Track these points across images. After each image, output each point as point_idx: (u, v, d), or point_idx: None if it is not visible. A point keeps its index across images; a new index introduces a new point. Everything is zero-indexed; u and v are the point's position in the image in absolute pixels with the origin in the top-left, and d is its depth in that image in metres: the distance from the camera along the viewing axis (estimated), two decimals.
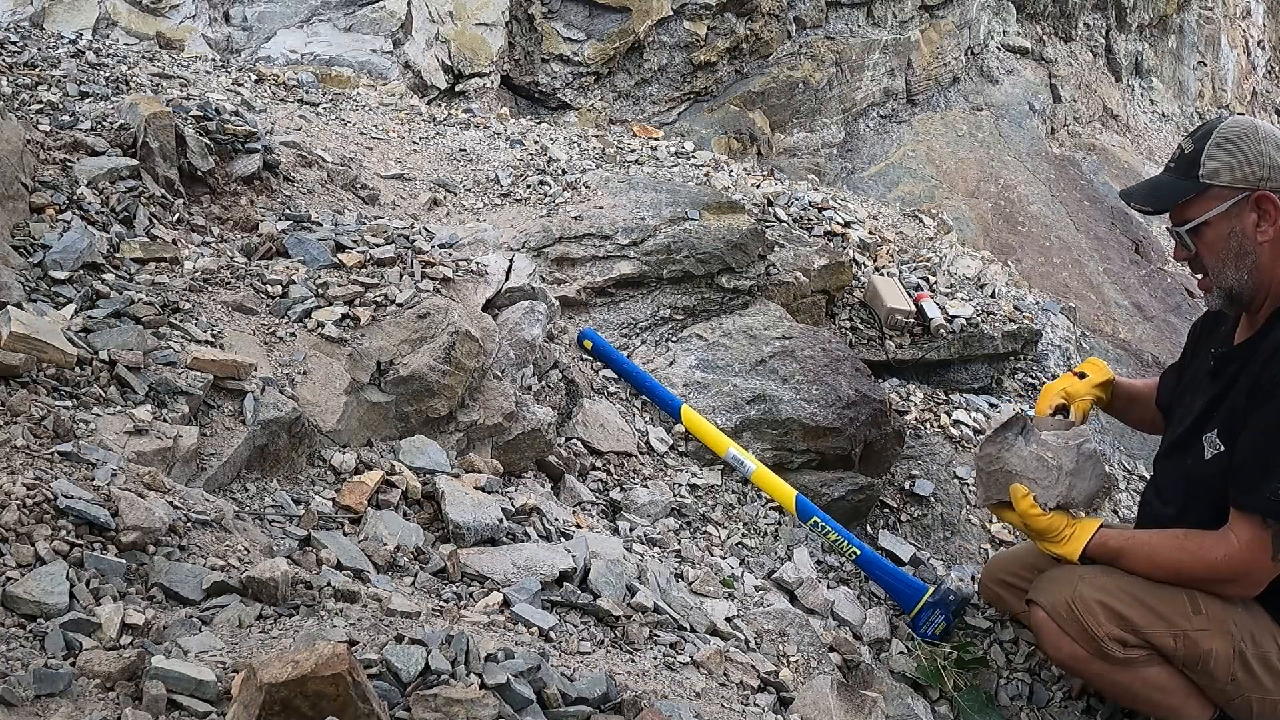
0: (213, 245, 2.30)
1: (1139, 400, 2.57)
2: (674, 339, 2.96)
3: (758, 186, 4.03)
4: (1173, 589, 2.16)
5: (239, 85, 3.71)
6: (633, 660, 1.68)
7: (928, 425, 3.30)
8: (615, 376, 2.79)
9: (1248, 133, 2.11)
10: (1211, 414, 2.16)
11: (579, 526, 2.13)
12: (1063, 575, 2.25)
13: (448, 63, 5.43)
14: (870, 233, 4.02)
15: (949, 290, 3.82)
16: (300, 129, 3.30)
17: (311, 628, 1.37)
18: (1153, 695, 2.18)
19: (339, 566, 1.63)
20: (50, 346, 1.62)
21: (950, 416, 3.36)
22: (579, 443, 2.53)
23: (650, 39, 6.28)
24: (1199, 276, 2.21)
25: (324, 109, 3.78)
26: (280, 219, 2.47)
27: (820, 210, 3.95)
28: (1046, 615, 2.23)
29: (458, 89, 5.48)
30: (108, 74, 3.00)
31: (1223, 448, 2.10)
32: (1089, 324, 6.05)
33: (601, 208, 3.14)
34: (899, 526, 2.95)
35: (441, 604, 1.63)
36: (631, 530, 2.30)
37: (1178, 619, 2.14)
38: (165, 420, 1.68)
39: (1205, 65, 10.96)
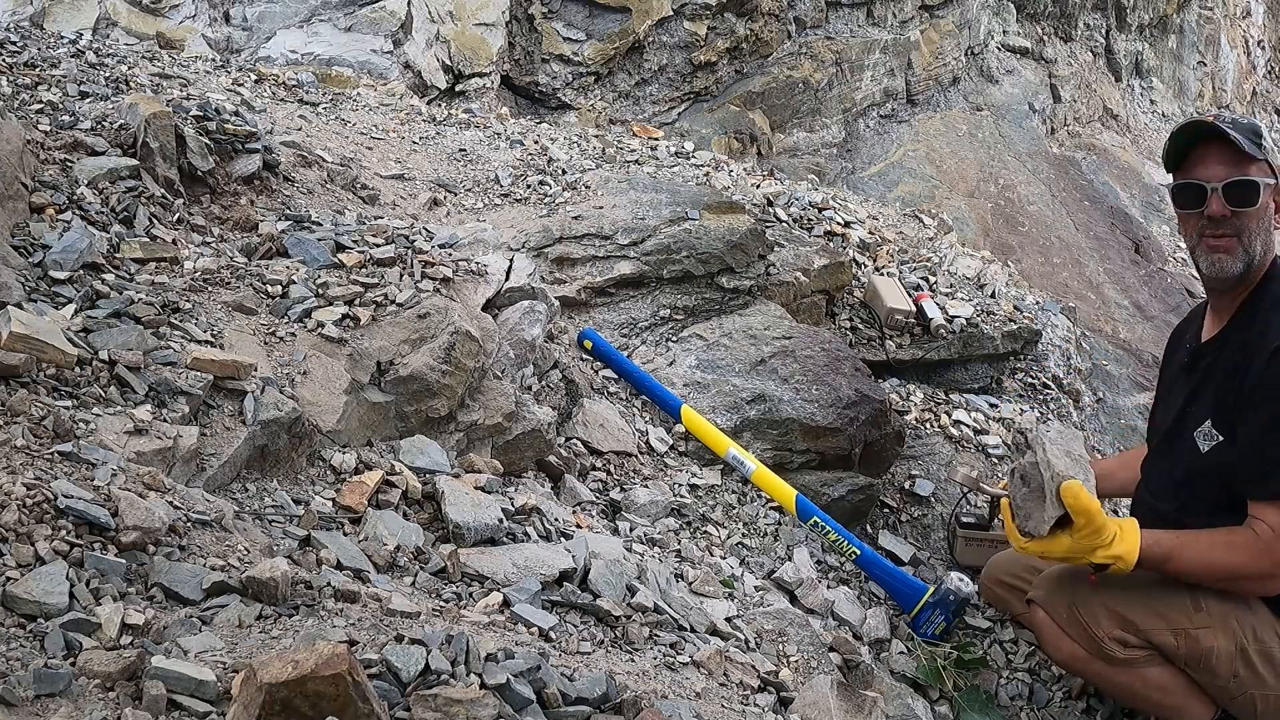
0: (213, 245, 2.30)
1: (1125, 468, 2.54)
2: (674, 339, 2.96)
3: (758, 186, 4.03)
4: (1174, 587, 2.14)
5: (239, 85, 3.71)
6: (633, 660, 1.68)
7: (928, 425, 3.30)
8: (615, 376, 2.79)
9: None
10: (1193, 407, 2.17)
11: (579, 526, 2.13)
12: (1062, 575, 2.24)
13: (448, 63, 5.43)
14: (870, 233, 4.02)
15: (949, 290, 3.82)
16: (300, 129, 3.30)
17: (311, 628, 1.37)
18: (1154, 695, 2.17)
19: (339, 566, 1.63)
20: (50, 346, 1.62)
21: (950, 416, 3.36)
22: (579, 443, 2.53)
23: (650, 39, 6.28)
24: (1226, 237, 2.15)
25: (324, 109, 3.78)
26: (280, 219, 2.47)
27: (820, 210, 3.95)
28: (1047, 616, 2.22)
29: (458, 89, 5.48)
30: (108, 74, 3.00)
31: (1221, 438, 2.10)
32: (1089, 324, 6.05)
33: (601, 208, 3.14)
34: (899, 526, 2.95)
35: (441, 604, 1.63)
36: (631, 530, 2.30)
37: (1179, 617, 2.13)
38: (165, 420, 1.68)
39: (1205, 65, 10.96)
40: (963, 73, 8.41)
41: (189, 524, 1.49)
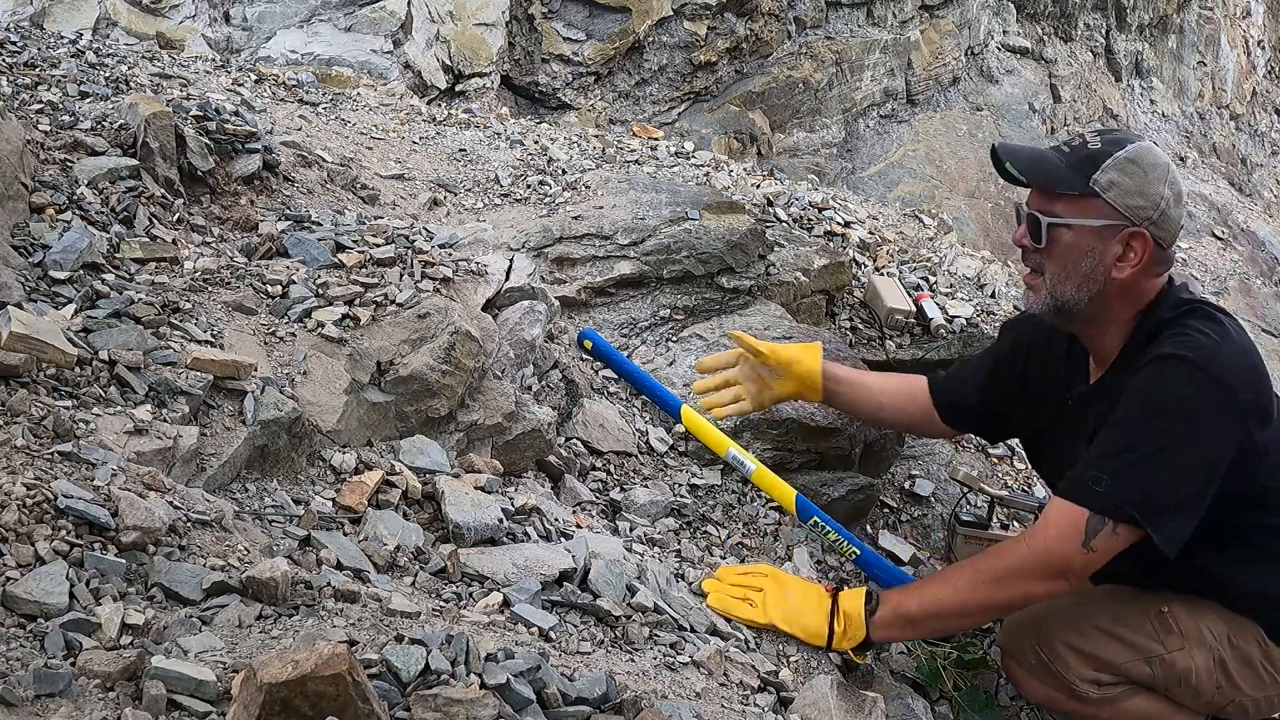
0: (213, 245, 2.30)
1: (865, 392, 2.47)
2: (674, 339, 2.96)
3: (758, 186, 4.03)
4: (1138, 611, 2.08)
5: (239, 85, 3.71)
6: (633, 660, 1.68)
7: None
8: (615, 376, 2.79)
9: (1158, 166, 1.96)
10: None
11: (579, 526, 2.13)
12: (1024, 617, 2.18)
13: (448, 63, 5.43)
14: (870, 233, 4.02)
15: (949, 290, 3.82)
16: (300, 129, 3.30)
17: (311, 628, 1.37)
18: None
19: (339, 566, 1.63)
20: (50, 346, 1.62)
21: None
22: (579, 443, 2.53)
23: (650, 39, 6.28)
24: (1031, 272, 2.05)
25: (324, 109, 3.78)
26: (280, 219, 2.47)
27: (820, 210, 3.95)
28: (1016, 664, 2.18)
29: (458, 89, 5.48)
30: (108, 74, 3.00)
31: None
32: None
33: (601, 208, 3.14)
34: (899, 526, 2.96)
35: (441, 604, 1.63)
36: (631, 530, 2.30)
37: (1149, 644, 2.06)
38: (165, 420, 1.68)
39: (1205, 65, 10.97)
40: (963, 73, 8.42)
41: (189, 524, 1.49)
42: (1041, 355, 2.24)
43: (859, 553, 2.50)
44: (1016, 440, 2.63)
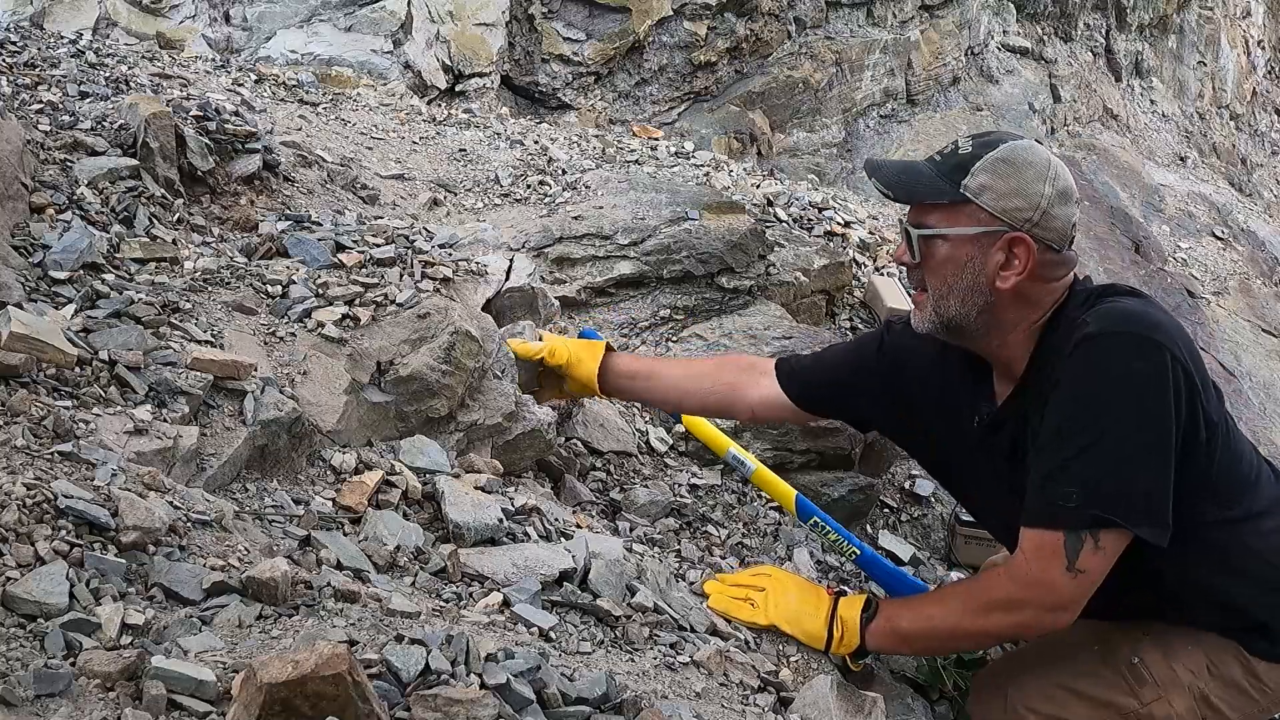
0: (213, 245, 2.30)
1: (660, 380, 2.34)
2: (674, 339, 2.96)
3: (758, 186, 4.03)
4: (1109, 666, 1.93)
5: (239, 85, 3.71)
6: (633, 660, 1.68)
7: None
8: None
9: (1035, 164, 1.81)
10: (1020, 479, 1.87)
11: (579, 526, 2.13)
12: (990, 683, 2.10)
13: (448, 63, 5.44)
14: (870, 233, 4.02)
15: None
16: (300, 129, 3.30)
17: (311, 628, 1.37)
18: None
19: (339, 566, 1.62)
20: (50, 346, 1.62)
21: None
22: (579, 443, 2.53)
23: (650, 39, 6.28)
24: (916, 289, 1.94)
25: (324, 109, 3.78)
26: (280, 219, 2.47)
27: (820, 210, 3.95)
28: None
29: (458, 89, 5.48)
30: (108, 74, 3.00)
31: None
32: None
33: (601, 208, 3.14)
34: (899, 526, 2.96)
35: (441, 604, 1.63)
36: (631, 530, 2.30)
37: (1125, 700, 1.91)
38: (165, 420, 1.68)
39: (1205, 65, 10.97)
40: (963, 73, 8.42)
41: (189, 524, 1.49)
42: (934, 375, 2.07)
43: (859, 553, 2.50)
44: None
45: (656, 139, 4.83)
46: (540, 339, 2.42)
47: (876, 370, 2.17)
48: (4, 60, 2.77)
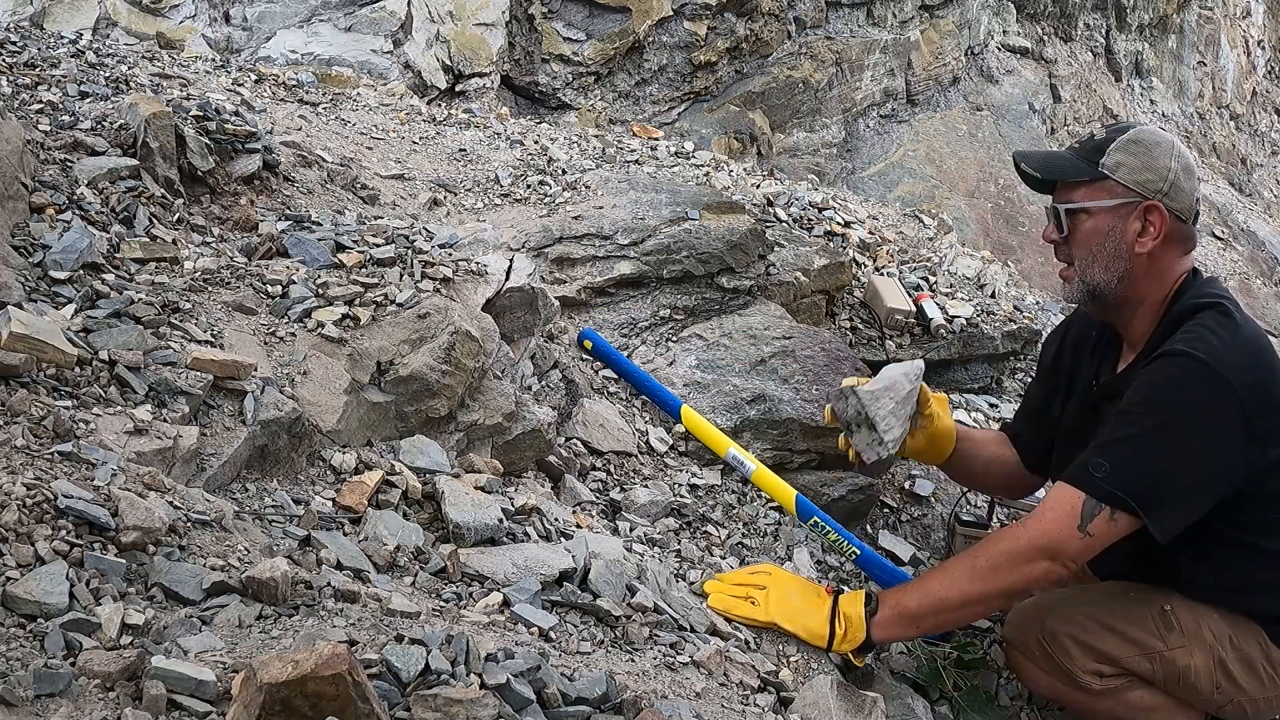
0: (213, 245, 2.30)
1: (980, 448, 2.44)
2: (674, 339, 2.96)
3: (758, 186, 4.02)
4: (1140, 608, 2.10)
5: (239, 85, 3.70)
6: (633, 660, 1.68)
7: None
8: (615, 376, 2.79)
9: (1162, 143, 2.07)
10: None
11: (579, 526, 2.13)
12: (1029, 609, 2.21)
13: (448, 63, 5.44)
14: (870, 233, 4.02)
15: (949, 290, 3.82)
16: (300, 129, 3.30)
17: (311, 628, 1.37)
18: (1139, 717, 2.13)
19: (339, 566, 1.63)
20: (50, 346, 1.62)
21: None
22: (579, 443, 2.53)
23: (650, 39, 6.28)
24: (1063, 265, 2.15)
25: (324, 109, 3.77)
26: (280, 219, 2.47)
27: (820, 210, 3.95)
28: (1020, 655, 2.20)
29: (458, 89, 5.48)
30: (108, 74, 3.00)
31: None
32: None
33: (601, 208, 3.14)
34: (899, 526, 2.95)
35: (441, 604, 1.63)
36: (631, 530, 2.30)
37: (1150, 640, 2.08)
38: (165, 420, 1.68)
39: (1205, 65, 10.97)
40: (963, 73, 8.42)
41: (189, 524, 1.49)
42: (1083, 347, 2.29)
43: (859, 553, 2.50)
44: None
45: (656, 139, 4.83)
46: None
47: (1057, 371, 2.34)
48: (4, 60, 2.77)
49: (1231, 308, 2.06)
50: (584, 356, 2.79)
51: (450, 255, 2.45)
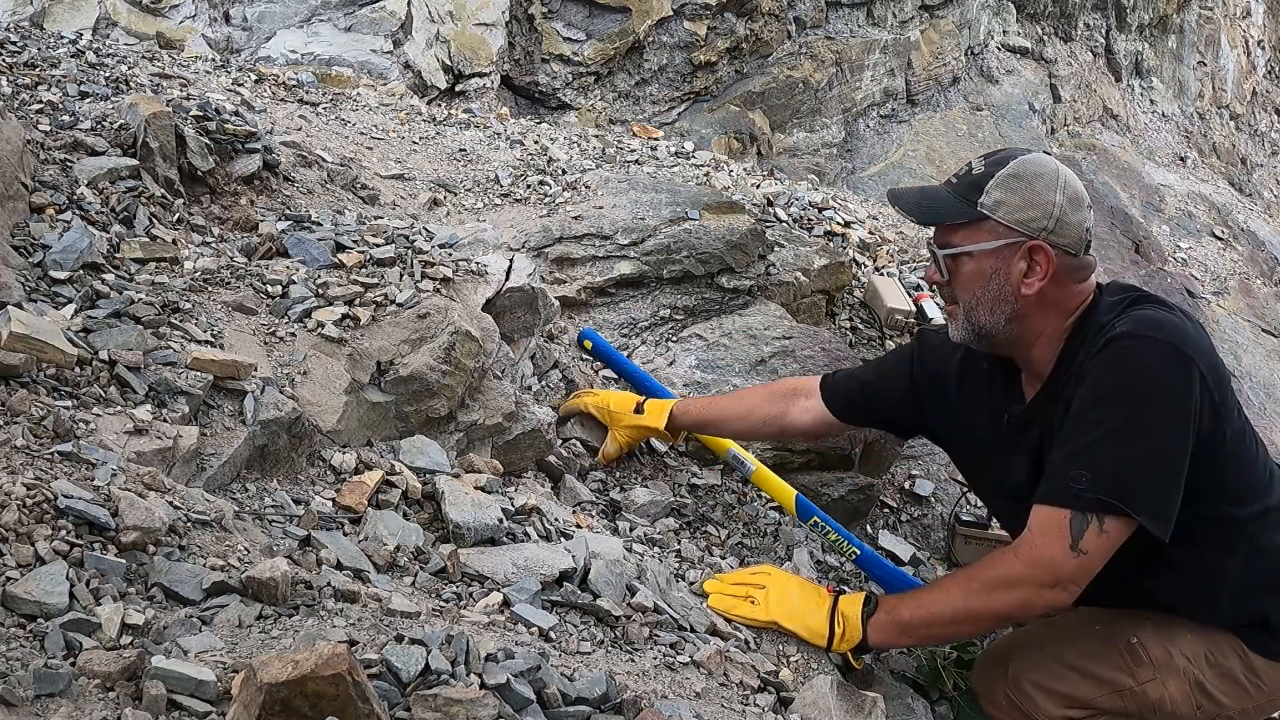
0: (213, 245, 2.30)
1: (738, 412, 2.46)
2: (674, 339, 2.96)
3: (758, 186, 4.02)
4: (1107, 644, 2.01)
5: (239, 85, 3.70)
6: (633, 660, 1.68)
7: None
8: (615, 376, 2.79)
9: (1045, 175, 1.93)
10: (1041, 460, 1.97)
11: (579, 526, 2.13)
12: (992, 656, 2.17)
13: (448, 63, 5.43)
14: (870, 233, 4.02)
15: None
16: (300, 129, 3.29)
17: (311, 628, 1.37)
18: None
19: (339, 566, 1.63)
20: (50, 346, 1.62)
21: None
22: (579, 443, 2.53)
23: (650, 39, 6.28)
24: (949, 303, 2.05)
25: (324, 109, 3.77)
26: (280, 219, 2.47)
27: (820, 210, 3.95)
28: (988, 704, 2.14)
29: (458, 89, 5.48)
30: (108, 74, 3.00)
31: None
32: None
33: (601, 208, 3.14)
34: (899, 526, 2.95)
35: (441, 604, 1.63)
36: (631, 530, 2.30)
37: (1120, 678, 1.99)
38: (165, 420, 1.68)
39: (1205, 65, 10.96)
40: (963, 73, 8.41)
41: (189, 524, 1.49)
42: (967, 378, 2.17)
43: (859, 553, 2.50)
44: None
45: (656, 139, 4.83)
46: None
47: (911, 379, 2.26)
48: (4, 60, 2.77)
49: (1157, 298, 1.98)
50: (584, 356, 2.79)
51: (450, 255, 2.45)
